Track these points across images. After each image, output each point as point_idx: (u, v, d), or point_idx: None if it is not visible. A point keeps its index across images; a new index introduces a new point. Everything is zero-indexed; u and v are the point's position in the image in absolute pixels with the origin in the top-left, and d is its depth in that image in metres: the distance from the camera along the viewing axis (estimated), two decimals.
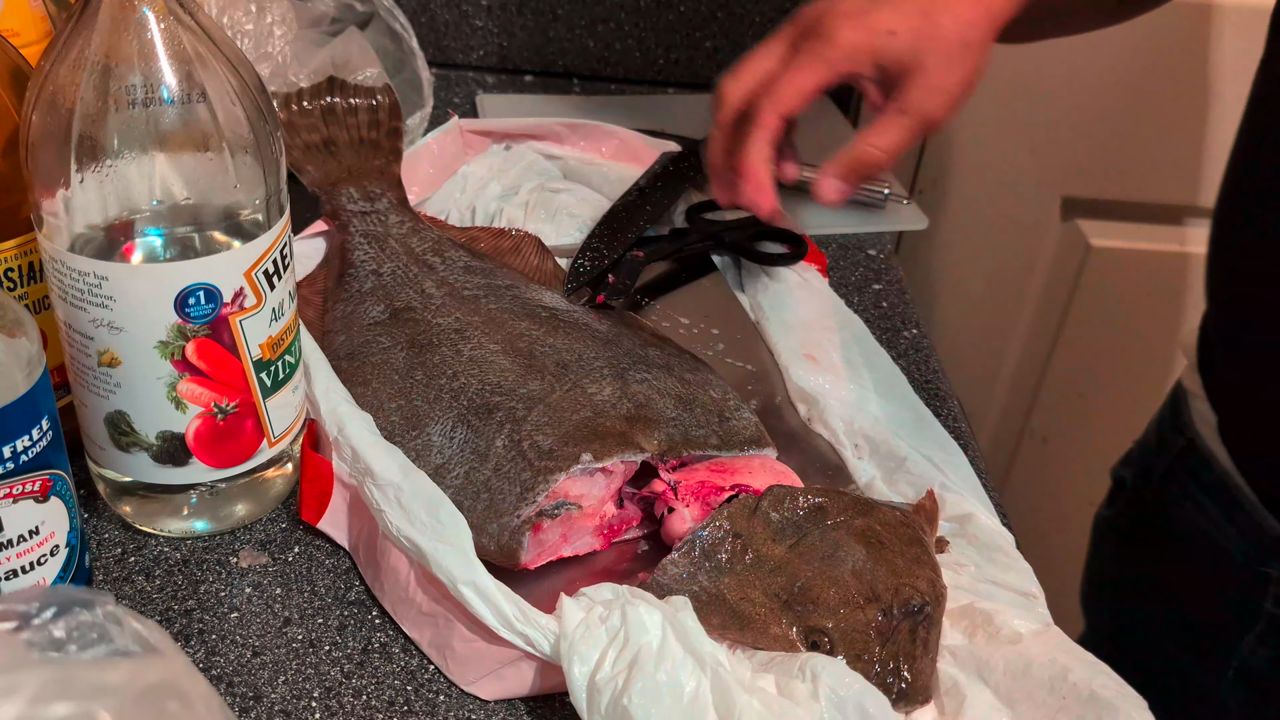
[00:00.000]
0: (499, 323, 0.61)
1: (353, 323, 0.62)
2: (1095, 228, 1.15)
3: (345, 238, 0.67)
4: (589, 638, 0.43)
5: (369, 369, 0.59)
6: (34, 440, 0.43)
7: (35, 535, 0.45)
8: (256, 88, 0.47)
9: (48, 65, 0.44)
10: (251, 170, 0.47)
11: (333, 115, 0.74)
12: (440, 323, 0.61)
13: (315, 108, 0.74)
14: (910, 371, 0.68)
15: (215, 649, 0.48)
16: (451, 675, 0.47)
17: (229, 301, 0.48)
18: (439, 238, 0.68)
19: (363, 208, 0.69)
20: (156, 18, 0.44)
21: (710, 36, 1.05)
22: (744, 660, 0.45)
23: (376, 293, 0.64)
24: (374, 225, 0.68)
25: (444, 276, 0.65)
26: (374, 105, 0.75)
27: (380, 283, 0.64)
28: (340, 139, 0.74)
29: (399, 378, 0.58)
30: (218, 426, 0.50)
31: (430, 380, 0.58)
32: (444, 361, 0.59)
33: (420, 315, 0.62)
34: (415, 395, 0.57)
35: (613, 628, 0.43)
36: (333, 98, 0.74)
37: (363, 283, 0.64)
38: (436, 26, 1.05)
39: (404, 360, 0.59)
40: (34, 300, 0.52)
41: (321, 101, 0.74)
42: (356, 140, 0.74)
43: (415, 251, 0.66)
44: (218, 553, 0.53)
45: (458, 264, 0.66)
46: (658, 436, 0.54)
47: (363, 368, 0.59)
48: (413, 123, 0.84)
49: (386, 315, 0.62)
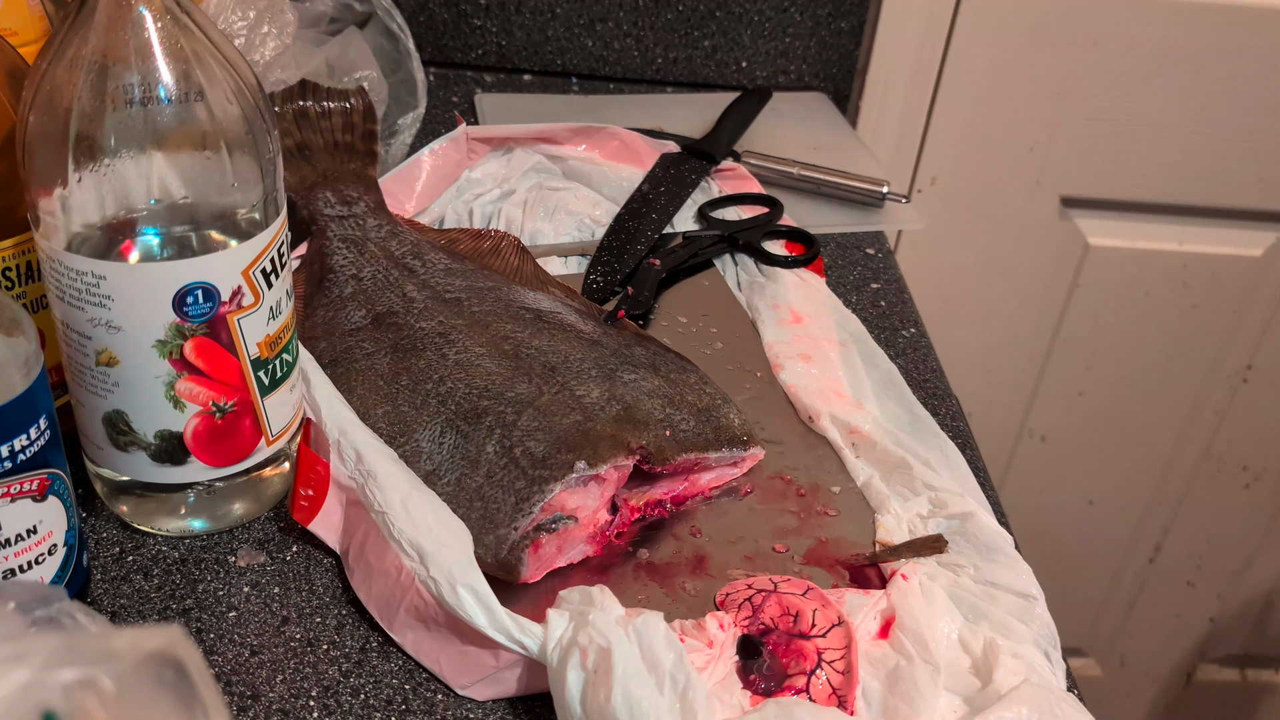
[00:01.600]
0: (483, 325, 0.61)
1: (334, 329, 0.61)
2: (1094, 226, 1.15)
3: (323, 243, 0.66)
4: (573, 645, 0.44)
5: (353, 375, 0.58)
6: (32, 439, 0.43)
7: (33, 534, 0.45)
8: (253, 86, 0.47)
9: (45, 64, 0.44)
10: (249, 169, 0.47)
11: (305, 119, 0.73)
12: (424, 326, 0.61)
13: (287, 112, 0.72)
14: (908, 371, 0.68)
15: (213, 648, 0.48)
16: (445, 679, 0.47)
17: (227, 300, 0.48)
18: (418, 240, 0.68)
19: (340, 212, 0.68)
20: (153, 17, 0.44)
21: (709, 36, 1.05)
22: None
23: (357, 298, 0.63)
24: (352, 229, 0.67)
25: (425, 279, 0.64)
26: (348, 109, 0.74)
27: (360, 287, 0.63)
28: (314, 143, 0.73)
29: (384, 383, 0.58)
30: (216, 425, 0.50)
31: (416, 385, 0.57)
32: (429, 366, 0.58)
33: (403, 320, 0.61)
34: (401, 401, 0.57)
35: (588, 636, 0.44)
36: (305, 101, 0.73)
37: (342, 288, 0.64)
38: (435, 26, 1.05)
39: (388, 366, 0.59)
40: (32, 299, 0.52)
41: (294, 105, 0.73)
42: (331, 144, 0.73)
43: (395, 255, 0.66)
44: (216, 552, 0.53)
45: (438, 267, 0.66)
46: (647, 438, 0.54)
47: (346, 375, 0.58)
48: (404, 122, 0.84)
49: (368, 320, 0.61)
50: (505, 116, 0.96)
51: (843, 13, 1.04)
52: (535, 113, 0.98)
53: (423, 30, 1.04)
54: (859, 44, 1.07)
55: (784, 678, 0.46)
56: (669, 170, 0.83)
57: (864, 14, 1.05)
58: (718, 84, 1.08)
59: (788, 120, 0.99)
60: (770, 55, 1.06)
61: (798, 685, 0.46)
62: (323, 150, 0.72)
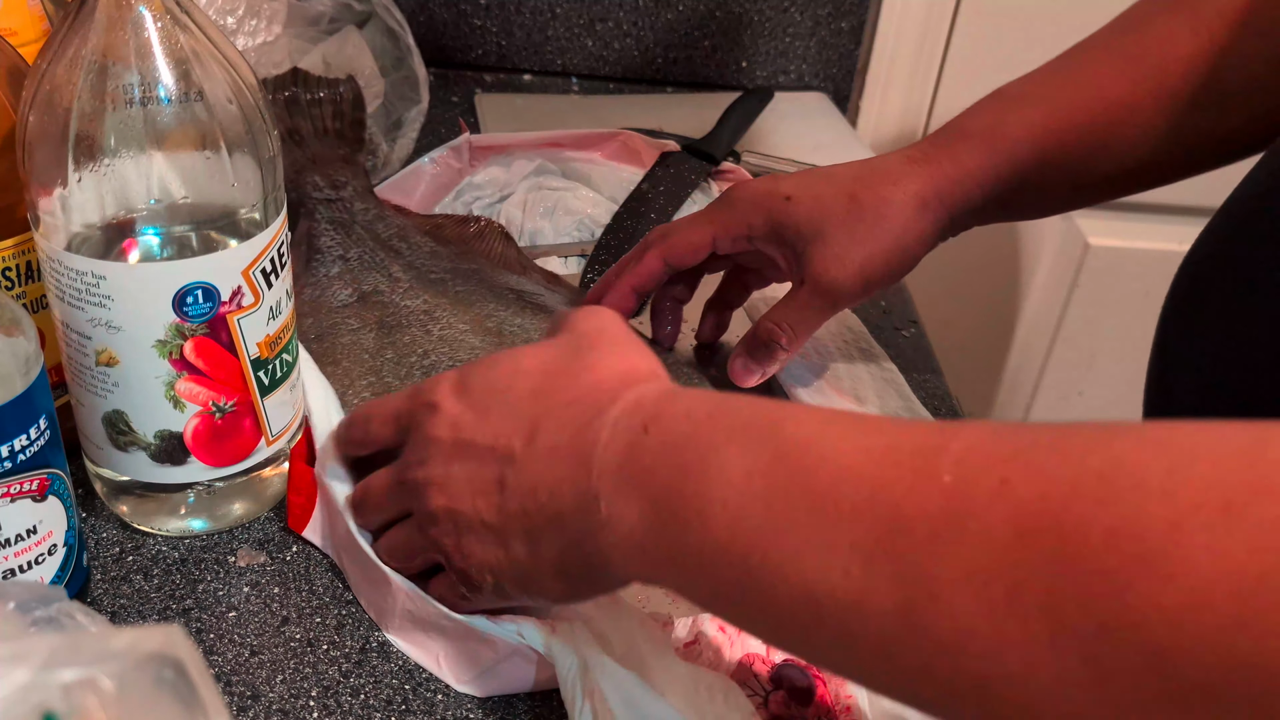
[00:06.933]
0: (467, 303, 0.62)
1: (320, 306, 0.63)
2: (1093, 226, 1.15)
3: (311, 224, 0.68)
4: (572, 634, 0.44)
5: (339, 350, 0.60)
6: (32, 439, 0.43)
7: (33, 534, 0.45)
8: (253, 86, 0.47)
9: (45, 64, 0.44)
10: (249, 169, 0.47)
11: (296, 106, 0.75)
12: (409, 305, 0.62)
13: (279, 98, 0.75)
14: (909, 371, 0.68)
15: (213, 648, 0.48)
16: (444, 675, 0.47)
17: (227, 300, 0.48)
18: (404, 224, 0.69)
19: (328, 195, 0.70)
20: (153, 16, 0.44)
21: (709, 36, 1.05)
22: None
23: (343, 277, 0.64)
24: (339, 212, 0.69)
25: (410, 261, 0.66)
26: (337, 97, 0.76)
27: (347, 267, 0.65)
28: (304, 129, 0.74)
29: (369, 357, 0.59)
30: (216, 425, 0.50)
31: (401, 359, 0.58)
32: (414, 341, 0.59)
33: (388, 298, 0.63)
34: (386, 373, 0.58)
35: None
36: (295, 89, 0.75)
37: (329, 268, 0.65)
38: (435, 25, 1.05)
39: (374, 341, 0.60)
40: (32, 299, 0.52)
41: (284, 93, 0.75)
42: (320, 131, 0.75)
43: (381, 237, 0.67)
44: (215, 552, 0.53)
45: (423, 249, 0.67)
46: None
47: (332, 349, 0.60)
48: (410, 116, 0.84)
49: (354, 298, 0.63)
50: (505, 116, 0.96)
51: (843, 13, 1.04)
52: (535, 113, 0.98)
53: (423, 30, 1.04)
54: (859, 44, 1.07)
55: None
56: (669, 170, 0.83)
57: (864, 14, 1.05)
58: (718, 84, 1.08)
59: (788, 120, 0.99)
60: (770, 55, 1.06)
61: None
62: (312, 136, 0.74)
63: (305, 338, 0.60)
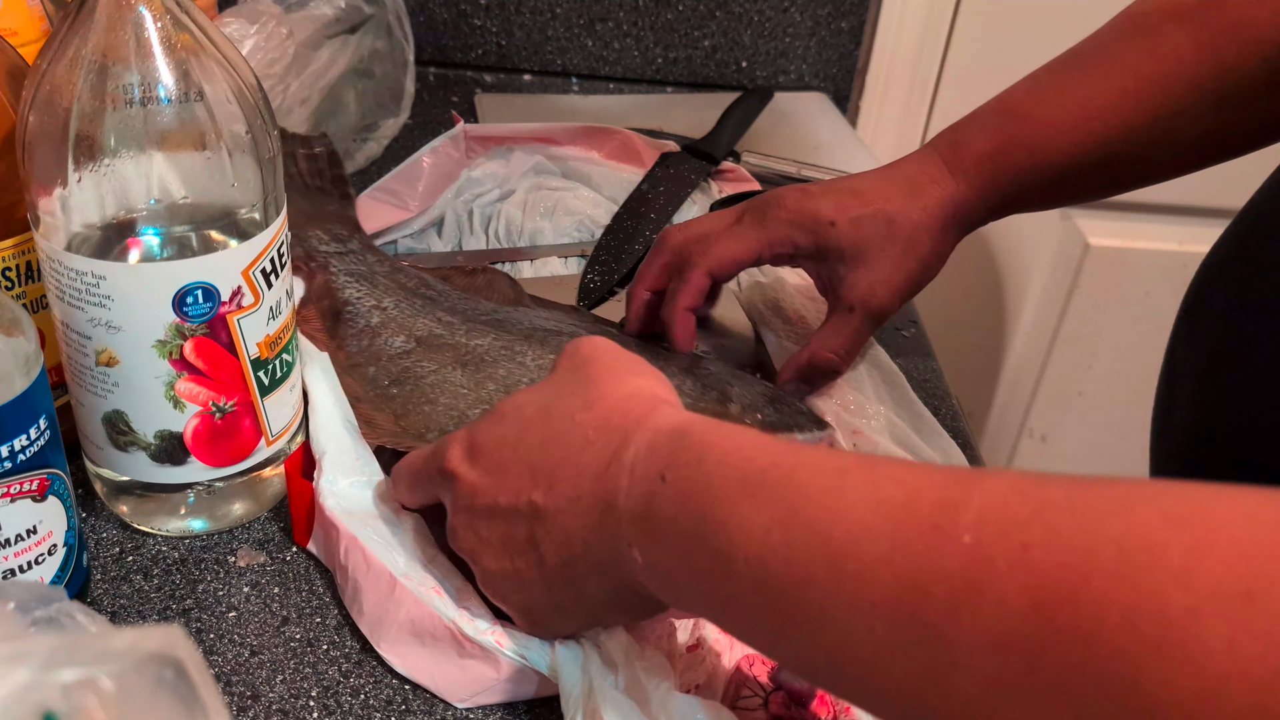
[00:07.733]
0: (539, 340, 0.61)
1: (378, 354, 0.61)
2: (1093, 226, 1.15)
3: (328, 278, 0.66)
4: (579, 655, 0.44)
5: (426, 389, 0.58)
6: (31, 439, 0.43)
7: (33, 534, 0.45)
8: (253, 86, 0.47)
9: (44, 64, 0.44)
10: (249, 169, 0.47)
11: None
12: (479, 343, 0.61)
13: None
14: (909, 370, 0.68)
15: (213, 648, 0.48)
16: (441, 694, 0.46)
17: (227, 300, 0.48)
18: (420, 274, 0.68)
19: (337, 249, 0.68)
20: (153, 17, 0.44)
21: (709, 36, 1.05)
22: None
23: (389, 325, 0.63)
24: (356, 264, 0.67)
25: (450, 306, 0.65)
26: (313, 156, 0.76)
27: (388, 316, 0.63)
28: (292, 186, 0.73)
29: (468, 391, 0.58)
30: (216, 425, 0.50)
31: (509, 389, 0.58)
32: (511, 374, 0.59)
33: (450, 340, 0.62)
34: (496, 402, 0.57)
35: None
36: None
37: (368, 318, 0.63)
38: (435, 25, 1.05)
39: (465, 378, 0.59)
40: (32, 299, 0.52)
41: None
42: (304, 187, 0.74)
43: (408, 287, 0.66)
44: (215, 552, 0.53)
45: (453, 295, 0.66)
46: (749, 420, 0.56)
47: (417, 390, 0.58)
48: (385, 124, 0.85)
49: (412, 344, 0.62)
50: (505, 116, 0.96)
51: (843, 13, 1.04)
52: (535, 113, 0.98)
53: (423, 30, 1.04)
54: (859, 44, 1.07)
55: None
56: (669, 170, 0.83)
57: (864, 14, 1.05)
58: (718, 84, 1.08)
59: (788, 120, 0.99)
60: (770, 55, 1.06)
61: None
62: (299, 193, 0.73)
63: (377, 385, 0.59)
